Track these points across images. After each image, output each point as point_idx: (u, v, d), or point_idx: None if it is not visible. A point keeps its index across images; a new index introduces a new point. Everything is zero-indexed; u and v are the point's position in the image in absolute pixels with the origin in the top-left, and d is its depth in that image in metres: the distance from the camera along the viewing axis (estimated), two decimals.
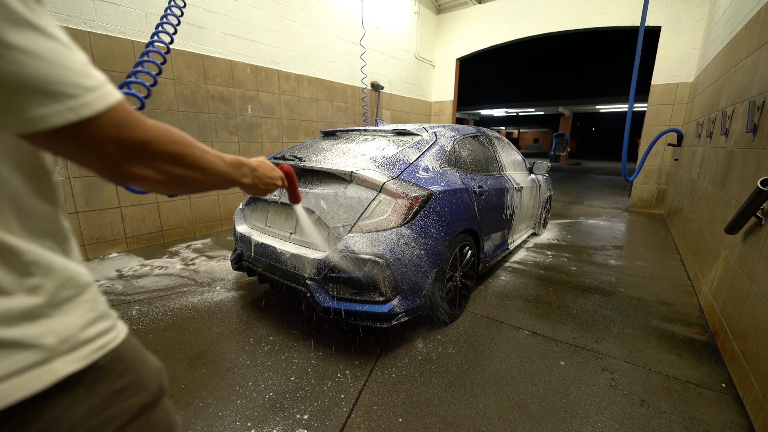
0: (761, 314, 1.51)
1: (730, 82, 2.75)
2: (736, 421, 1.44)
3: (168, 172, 0.46)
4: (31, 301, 0.38)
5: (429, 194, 1.89)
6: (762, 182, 1.55)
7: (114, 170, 0.42)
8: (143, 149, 0.42)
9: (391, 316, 1.76)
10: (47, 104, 0.33)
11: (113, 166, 0.42)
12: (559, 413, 1.48)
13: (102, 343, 0.44)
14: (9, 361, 0.35)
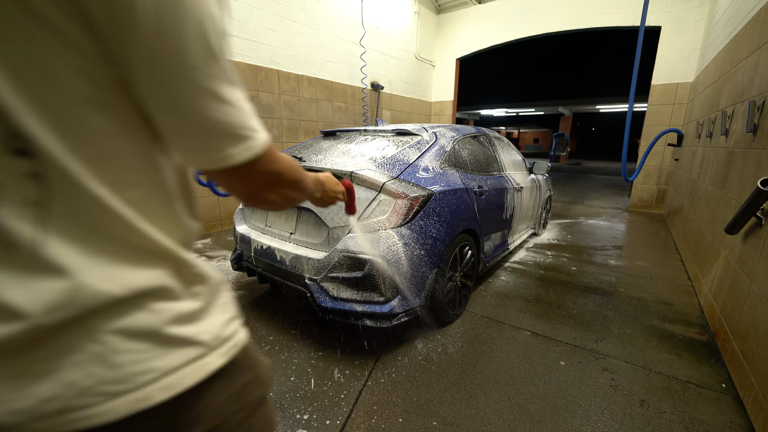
0: (761, 314, 1.51)
1: (730, 82, 2.75)
2: (736, 421, 1.44)
3: (287, 196, 0.54)
4: (194, 305, 0.45)
5: (429, 194, 1.89)
6: (762, 182, 1.55)
7: (255, 197, 0.50)
8: (278, 179, 0.49)
9: (391, 316, 1.76)
10: (235, 145, 0.40)
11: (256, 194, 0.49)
12: (559, 413, 1.48)
13: (236, 340, 0.50)
14: (179, 355, 0.41)
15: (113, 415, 0.37)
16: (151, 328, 0.39)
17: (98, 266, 0.36)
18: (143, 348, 0.39)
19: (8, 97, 0.30)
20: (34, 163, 0.32)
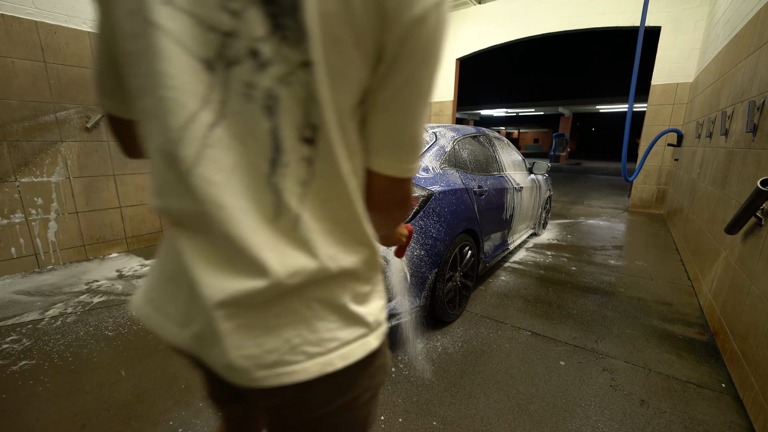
0: (761, 314, 1.51)
1: (730, 82, 2.75)
2: (736, 421, 1.44)
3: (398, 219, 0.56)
4: (368, 288, 0.50)
5: (429, 194, 1.89)
6: (762, 182, 1.56)
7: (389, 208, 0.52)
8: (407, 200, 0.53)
9: (391, 315, 1.76)
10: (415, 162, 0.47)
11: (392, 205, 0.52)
12: (559, 413, 1.48)
13: (385, 326, 0.53)
14: (353, 330, 0.47)
15: (307, 374, 0.43)
16: (341, 303, 0.46)
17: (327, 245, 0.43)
18: (334, 318, 0.45)
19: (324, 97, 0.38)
20: (312, 150, 0.40)
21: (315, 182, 0.41)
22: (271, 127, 0.38)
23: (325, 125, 0.39)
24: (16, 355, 1.81)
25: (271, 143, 0.39)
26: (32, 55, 2.70)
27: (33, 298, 2.43)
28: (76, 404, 1.50)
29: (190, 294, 0.43)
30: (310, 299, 0.43)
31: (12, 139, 2.68)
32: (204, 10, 0.36)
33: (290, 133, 0.39)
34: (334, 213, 0.44)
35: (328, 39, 0.36)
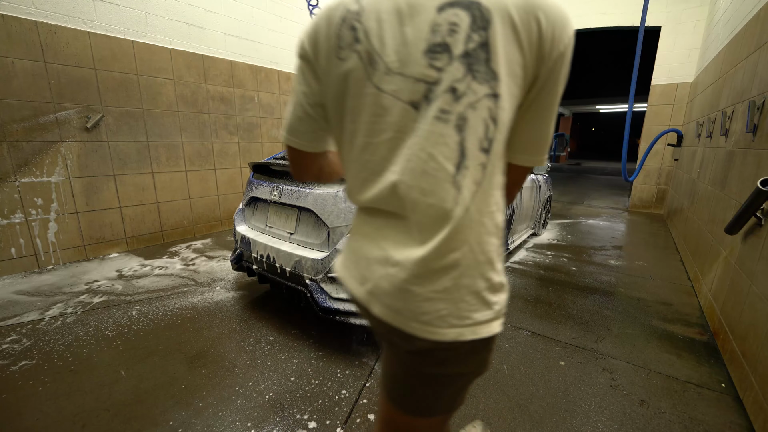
0: (761, 314, 1.51)
1: (730, 82, 2.75)
2: (736, 421, 1.44)
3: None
4: (501, 279, 0.60)
5: None
6: (762, 182, 1.55)
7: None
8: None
9: None
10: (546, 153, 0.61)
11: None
12: (559, 413, 1.48)
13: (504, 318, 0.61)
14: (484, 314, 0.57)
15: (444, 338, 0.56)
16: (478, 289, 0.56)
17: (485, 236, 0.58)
18: (473, 300, 0.56)
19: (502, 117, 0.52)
20: (486, 157, 0.53)
21: (484, 182, 0.54)
22: (460, 140, 0.52)
23: (497, 138, 0.53)
24: (16, 355, 1.81)
25: (458, 152, 0.52)
26: (32, 55, 2.70)
27: (33, 298, 2.43)
28: (76, 404, 1.50)
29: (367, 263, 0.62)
30: (459, 283, 0.55)
31: (12, 139, 2.68)
32: (415, 70, 0.52)
33: (473, 144, 0.52)
34: (488, 207, 0.56)
35: (509, 77, 0.51)
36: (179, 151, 3.72)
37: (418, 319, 0.56)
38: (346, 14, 0.56)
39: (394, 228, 0.59)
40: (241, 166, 4.36)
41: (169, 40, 3.47)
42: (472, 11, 0.50)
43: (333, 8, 0.58)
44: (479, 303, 0.57)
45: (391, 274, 0.58)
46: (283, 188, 2.05)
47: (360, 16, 0.55)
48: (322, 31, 0.58)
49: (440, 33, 0.51)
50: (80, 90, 2.97)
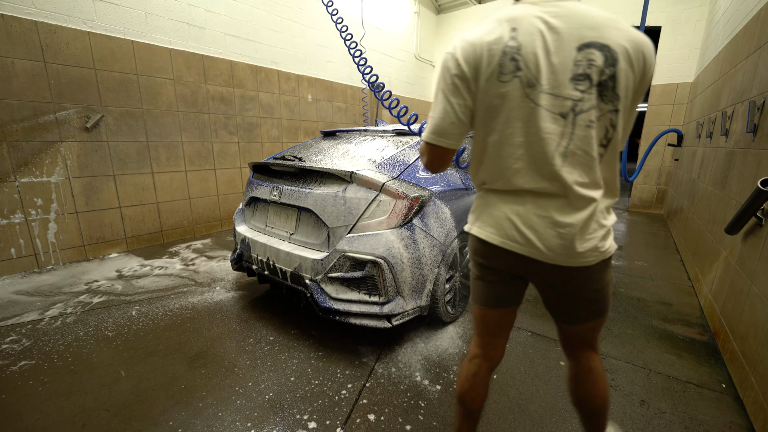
0: (761, 314, 1.51)
1: (730, 82, 2.75)
2: (736, 422, 1.44)
3: None
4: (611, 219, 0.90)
5: (429, 194, 1.89)
6: (762, 182, 1.55)
7: None
8: None
9: (391, 316, 1.75)
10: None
11: None
12: (559, 413, 1.48)
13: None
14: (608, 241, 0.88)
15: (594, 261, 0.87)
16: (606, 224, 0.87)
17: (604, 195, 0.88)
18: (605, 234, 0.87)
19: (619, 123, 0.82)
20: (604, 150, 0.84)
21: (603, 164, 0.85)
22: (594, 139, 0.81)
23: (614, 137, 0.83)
24: (16, 355, 1.81)
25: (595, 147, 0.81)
26: (32, 55, 2.70)
27: (33, 298, 2.43)
28: (76, 404, 1.50)
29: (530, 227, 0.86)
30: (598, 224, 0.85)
31: (12, 139, 2.68)
32: (564, 92, 0.78)
33: (599, 141, 0.82)
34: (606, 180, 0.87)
35: (624, 96, 0.80)
36: (179, 151, 3.72)
37: (581, 256, 0.85)
38: (506, 48, 0.79)
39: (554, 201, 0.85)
40: (241, 166, 4.36)
41: (169, 40, 3.47)
42: (604, 52, 0.77)
43: (492, 42, 0.80)
44: (607, 234, 0.88)
45: (562, 233, 0.84)
46: (283, 188, 2.05)
47: (519, 50, 0.78)
48: (484, 59, 0.80)
49: (581, 66, 0.77)
50: (80, 90, 2.97)
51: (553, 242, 0.85)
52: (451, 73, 0.83)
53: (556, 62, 0.77)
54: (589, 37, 0.77)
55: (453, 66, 0.83)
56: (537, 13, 0.80)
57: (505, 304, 1.02)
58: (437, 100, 0.87)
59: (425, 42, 7.44)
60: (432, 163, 0.95)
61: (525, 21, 0.79)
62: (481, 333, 1.06)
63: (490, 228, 0.92)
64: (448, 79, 0.84)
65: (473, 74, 0.82)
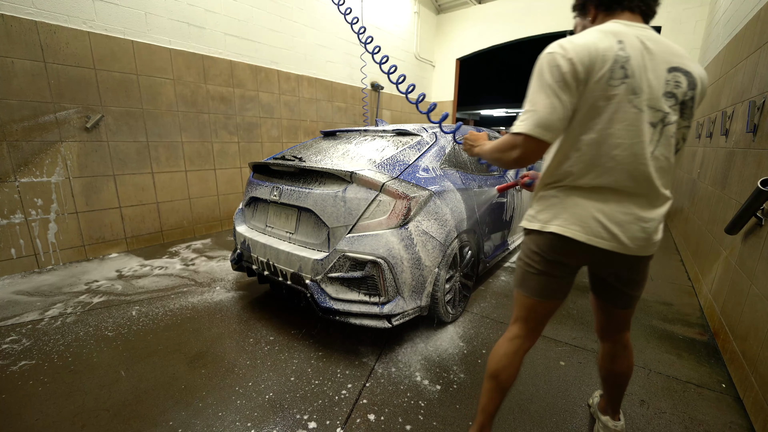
0: (761, 314, 1.51)
1: (730, 82, 2.75)
2: (736, 422, 1.44)
3: None
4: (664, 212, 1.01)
5: (429, 194, 1.89)
6: (762, 182, 1.55)
7: None
8: None
9: (391, 316, 1.75)
10: None
11: None
12: (559, 413, 1.48)
13: None
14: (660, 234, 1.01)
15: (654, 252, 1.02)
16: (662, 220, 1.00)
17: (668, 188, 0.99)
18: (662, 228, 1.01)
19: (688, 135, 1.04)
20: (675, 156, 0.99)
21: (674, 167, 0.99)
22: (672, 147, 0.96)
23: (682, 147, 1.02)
24: (16, 355, 1.81)
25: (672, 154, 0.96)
26: (32, 55, 2.70)
27: (33, 298, 2.43)
28: (75, 404, 1.50)
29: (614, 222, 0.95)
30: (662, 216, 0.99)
31: (12, 139, 2.68)
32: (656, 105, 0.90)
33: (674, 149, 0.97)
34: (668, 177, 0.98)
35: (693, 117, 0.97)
36: (179, 151, 3.72)
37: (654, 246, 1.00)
38: (617, 57, 0.88)
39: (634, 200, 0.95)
40: (241, 166, 4.36)
41: (169, 40, 3.47)
42: (688, 78, 0.92)
43: (605, 49, 0.88)
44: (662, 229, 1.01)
45: (645, 227, 0.96)
46: (283, 188, 2.05)
47: (628, 61, 0.88)
48: (598, 63, 0.88)
49: (670, 85, 0.91)
50: (80, 90, 2.97)
51: (637, 236, 0.95)
52: (562, 71, 0.88)
53: (651, 78, 0.89)
54: (675, 63, 0.91)
55: (565, 65, 0.88)
56: (634, 32, 0.91)
57: (561, 297, 1.10)
58: (541, 95, 0.90)
59: (425, 42, 7.44)
60: (527, 157, 0.95)
61: (628, 37, 0.90)
62: (528, 320, 1.12)
63: (575, 226, 0.97)
64: (558, 76, 0.89)
65: (585, 75, 0.88)
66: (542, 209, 1.04)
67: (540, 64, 0.93)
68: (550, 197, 1.03)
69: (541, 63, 0.93)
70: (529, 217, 1.09)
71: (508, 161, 0.99)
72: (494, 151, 1.04)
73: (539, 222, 1.04)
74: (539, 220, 1.04)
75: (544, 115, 0.90)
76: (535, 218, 1.05)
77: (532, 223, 1.06)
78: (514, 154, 0.96)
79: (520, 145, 0.94)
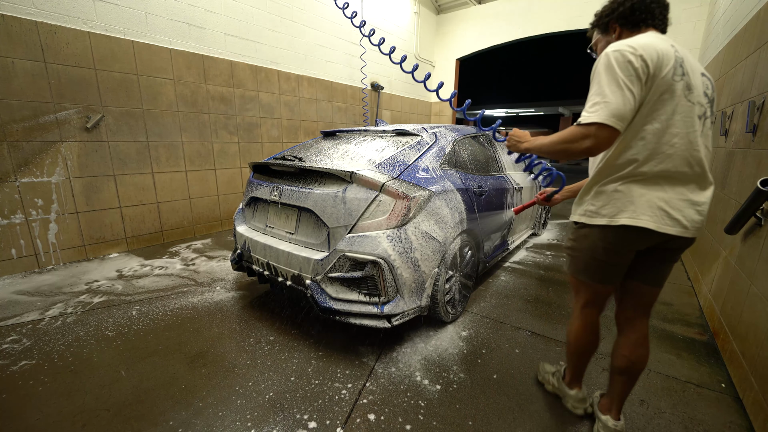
0: (761, 314, 1.51)
1: (730, 82, 2.75)
2: (736, 422, 1.44)
3: None
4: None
5: (429, 194, 1.89)
6: (761, 182, 1.55)
7: None
8: None
9: (391, 316, 1.76)
10: None
11: None
12: (559, 413, 1.48)
13: None
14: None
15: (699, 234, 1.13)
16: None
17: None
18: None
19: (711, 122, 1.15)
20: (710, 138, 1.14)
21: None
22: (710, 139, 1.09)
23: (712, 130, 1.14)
24: (16, 355, 1.81)
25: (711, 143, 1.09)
26: (32, 55, 2.71)
27: (33, 298, 2.43)
28: (76, 404, 1.50)
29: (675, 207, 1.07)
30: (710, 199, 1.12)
31: (12, 139, 2.68)
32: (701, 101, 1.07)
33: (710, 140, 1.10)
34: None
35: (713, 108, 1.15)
36: (179, 151, 3.72)
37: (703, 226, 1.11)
38: (677, 57, 1.03)
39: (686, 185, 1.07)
40: (241, 166, 4.36)
41: (169, 40, 3.47)
42: (711, 83, 1.12)
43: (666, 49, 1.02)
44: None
45: (699, 210, 1.08)
46: (283, 188, 2.05)
47: (683, 61, 1.05)
48: (664, 62, 1.01)
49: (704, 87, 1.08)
50: (80, 90, 2.97)
51: (695, 218, 1.08)
52: (634, 66, 0.99)
53: (696, 78, 1.06)
54: (701, 70, 1.10)
55: (636, 61, 0.99)
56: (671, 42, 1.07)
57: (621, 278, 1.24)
58: (612, 88, 0.99)
59: (425, 42, 7.45)
60: (599, 146, 1.03)
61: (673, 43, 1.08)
62: (595, 302, 1.31)
63: (645, 216, 1.07)
64: (630, 71, 0.99)
65: (654, 71, 1.00)
66: (605, 204, 1.12)
67: (607, 60, 1.01)
68: (612, 192, 1.11)
69: (608, 59, 1.01)
70: (590, 213, 1.17)
71: (577, 151, 1.05)
72: (559, 143, 1.09)
73: (605, 217, 1.12)
74: (604, 214, 1.13)
75: (618, 105, 0.98)
76: (599, 213, 1.14)
77: (595, 218, 1.15)
78: (587, 143, 1.02)
79: (593, 135, 1.01)
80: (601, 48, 1.27)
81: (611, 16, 1.19)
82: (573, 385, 1.47)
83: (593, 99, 1.02)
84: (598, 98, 1.01)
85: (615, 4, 1.18)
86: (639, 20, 1.13)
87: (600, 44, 1.27)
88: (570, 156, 1.08)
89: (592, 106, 1.01)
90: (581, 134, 1.02)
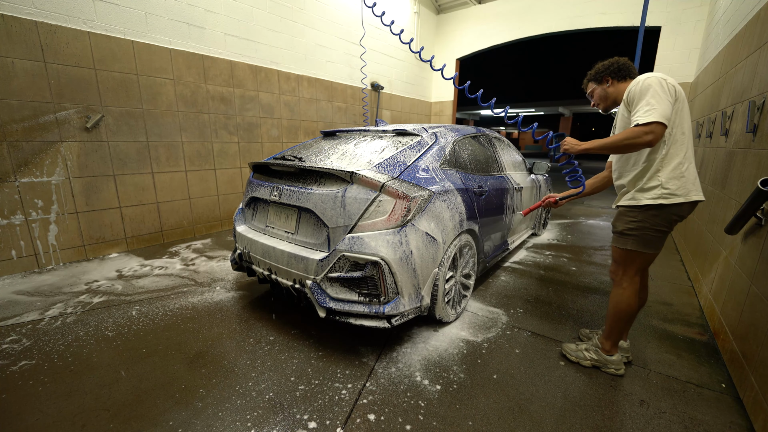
0: (761, 314, 1.51)
1: (730, 82, 2.75)
2: (736, 422, 1.44)
3: None
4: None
5: (429, 194, 1.89)
6: (762, 182, 1.55)
7: None
8: None
9: (391, 316, 1.76)
10: None
11: None
12: (559, 413, 1.48)
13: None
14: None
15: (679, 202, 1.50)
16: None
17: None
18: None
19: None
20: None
21: None
22: None
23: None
24: (16, 355, 1.81)
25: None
26: (32, 55, 2.71)
27: (33, 298, 2.43)
28: (76, 404, 1.50)
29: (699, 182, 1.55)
30: None
31: (12, 139, 2.68)
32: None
33: None
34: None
35: None
36: (179, 151, 3.72)
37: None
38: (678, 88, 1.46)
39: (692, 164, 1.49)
40: (241, 166, 4.36)
41: (169, 40, 3.47)
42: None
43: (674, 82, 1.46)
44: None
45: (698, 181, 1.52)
46: (283, 189, 2.05)
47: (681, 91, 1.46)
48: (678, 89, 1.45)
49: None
50: (80, 90, 2.97)
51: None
52: (671, 89, 1.42)
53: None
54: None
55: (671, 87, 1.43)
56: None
57: None
58: (661, 99, 1.38)
59: (425, 42, 7.44)
60: (658, 138, 1.37)
61: None
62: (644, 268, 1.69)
63: (698, 190, 1.49)
64: (670, 91, 1.41)
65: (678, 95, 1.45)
66: (679, 186, 1.46)
67: (653, 83, 1.41)
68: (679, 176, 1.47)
69: (654, 82, 1.41)
70: (666, 195, 1.47)
71: (640, 144, 1.38)
72: (624, 140, 1.41)
73: (681, 196, 1.47)
74: (679, 194, 1.47)
75: (667, 111, 1.37)
76: (675, 194, 1.47)
77: (672, 198, 1.47)
78: (649, 137, 1.36)
79: (654, 130, 1.36)
80: (597, 94, 1.71)
81: (606, 71, 1.66)
82: (613, 351, 1.73)
83: (645, 108, 1.38)
84: (649, 107, 1.37)
85: (609, 64, 1.66)
86: (625, 74, 1.63)
87: (596, 91, 1.72)
88: (632, 149, 1.43)
89: (646, 112, 1.37)
90: (643, 130, 1.36)
